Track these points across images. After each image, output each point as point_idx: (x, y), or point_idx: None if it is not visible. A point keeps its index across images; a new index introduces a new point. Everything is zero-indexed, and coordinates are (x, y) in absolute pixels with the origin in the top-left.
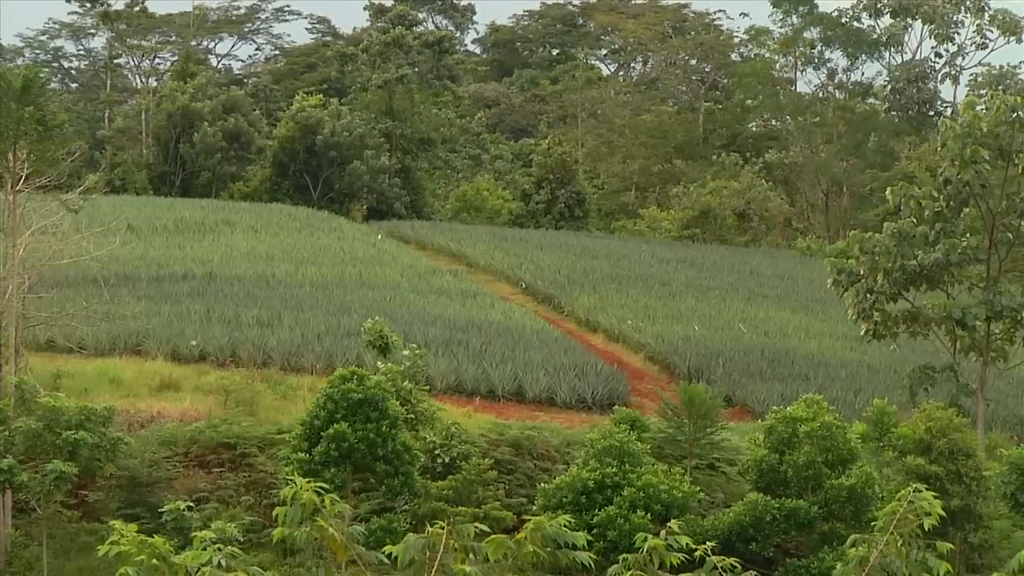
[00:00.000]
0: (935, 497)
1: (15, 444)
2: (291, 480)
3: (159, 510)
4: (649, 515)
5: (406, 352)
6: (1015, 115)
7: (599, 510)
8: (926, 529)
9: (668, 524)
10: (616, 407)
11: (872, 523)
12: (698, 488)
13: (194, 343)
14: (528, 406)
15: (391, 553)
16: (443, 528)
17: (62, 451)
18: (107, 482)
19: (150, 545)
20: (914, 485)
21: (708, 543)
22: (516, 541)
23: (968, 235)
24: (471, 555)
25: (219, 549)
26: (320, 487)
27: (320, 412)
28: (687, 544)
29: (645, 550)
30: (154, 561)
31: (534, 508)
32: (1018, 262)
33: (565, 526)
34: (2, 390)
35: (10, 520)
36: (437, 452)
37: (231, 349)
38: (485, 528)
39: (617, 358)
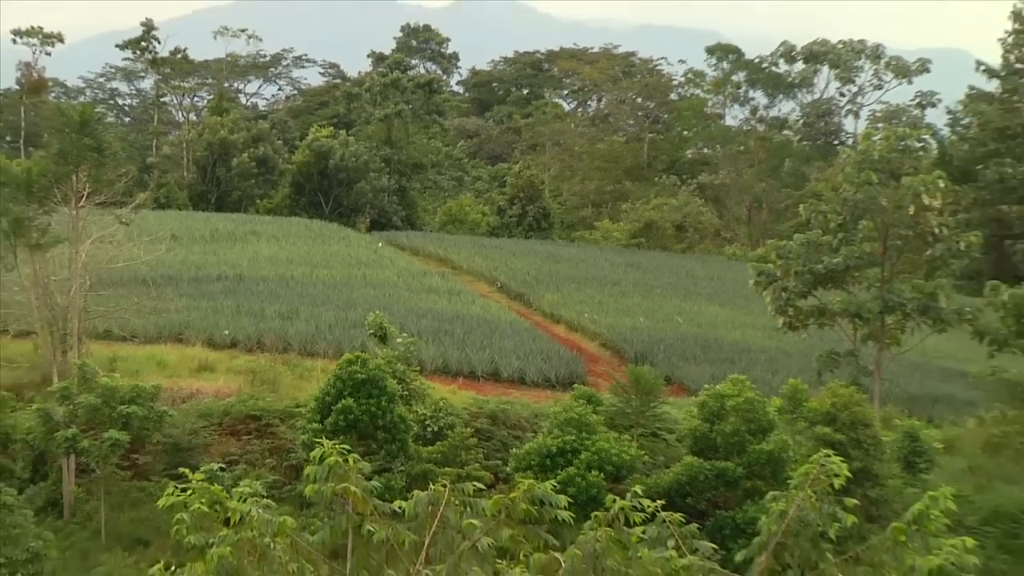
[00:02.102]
0: (841, 461)
1: (78, 416)
2: (317, 442)
3: (197, 471)
4: (602, 475)
5: (401, 340)
6: (903, 144)
7: (561, 471)
8: (835, 488)
9: (633, 489)
10: (575, 385)
11: (788, 481)
12: (643, 452)
13: (226, 332)
14: (503, 384)
15: (400, 506)
16: (444, 486)
17: (117, 422)
18: (154, 447)
19: (209, 492)
20: (823, 451)
21: (658, 501)
22: (511, 499)
23: (865, 243)
24: (469, 509)
25: (257, 500)
26: (344, 449)
27: (331, 389)
28: (640, 502)
29: (614, 510)
30: (206, 508)
31: (508, 469)
32: (906, 265)
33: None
34: (68, 372)
35: (73, 479)
36: (427, 423)
37: (257, 337)
38: (479, 485)
39: (576, 345)
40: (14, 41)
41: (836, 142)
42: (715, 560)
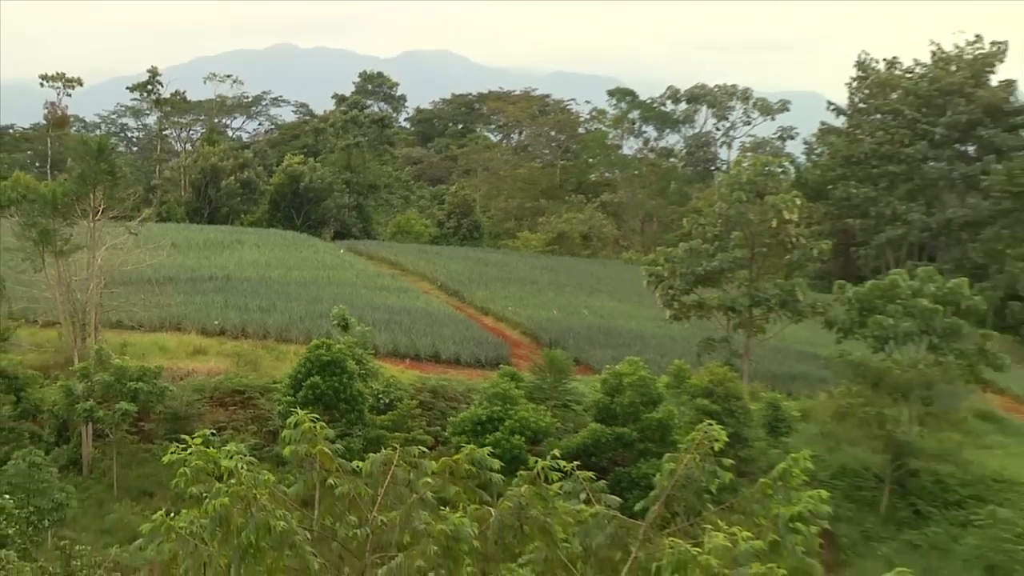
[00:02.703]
0: (720, 428)
1: (95, 391)
2: (292, 411)
3: (193, 435)
4: (523, 438)
5: (359, 329)
6: (767, 169)
7: (489, 435)
8: (715, 450)
9: (552, 452)
10: (501, 366)
11: (674, 443)
12: (556, 420)
13: (216, 322)
14: (442, 365)
15: (358, 465)
16: (394, 448)
17: (127, 396)
18: (157, 417)
19: (204, 452)
20: (706, 420)
21: (574, 462)
22: (455, 460)
23: (736, 250)
24: (416, 468)
25: (242, 459)
26: (313, 417)
27: (301, 369)
28: (558, 463)
29: (536, 469)
30: (202, 464)
31: (446, 434)
32: (770, 267)
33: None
34: (86, 355)
35: (91, 443)
36: (380, 396)
37: (241, 327)
38: (423, 448)
39: (501, 333)
40: (42, 84)
41: (713, 168)
42: (616, 509)
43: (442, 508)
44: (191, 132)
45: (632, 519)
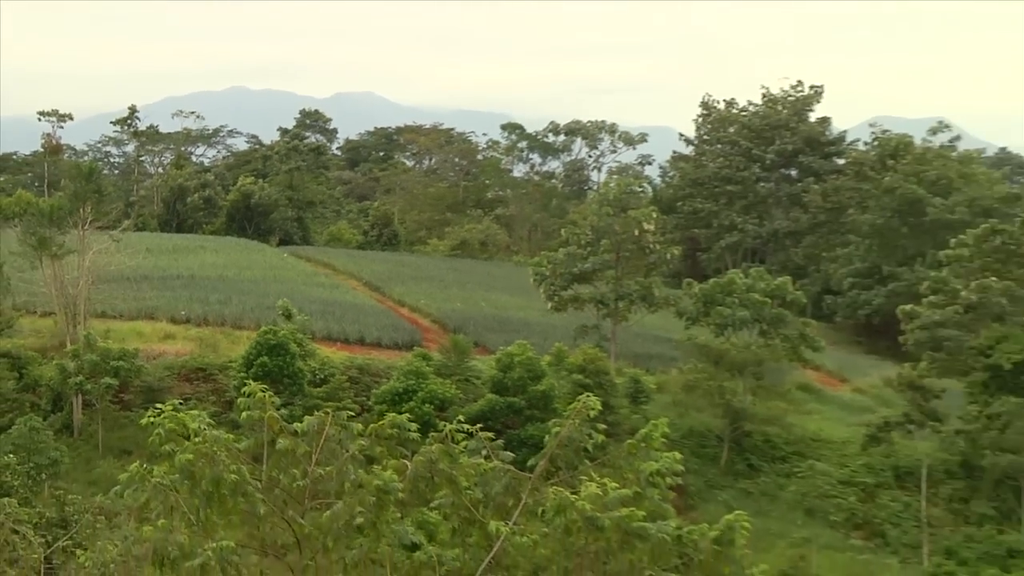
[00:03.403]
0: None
1: (84, 368)
2: (245, 384)
3: (163, 404)
4: (432, 407)
5: (299, 317)
6: (630, 189)
7: (405, 404)
8: (590, 416)
9: (457, 417)
10: (415, 348)
11: (555, 410)
12: (459, 392)
13: (183, 313)
14: (366, 347)
15: (299, 427)
16: (327, 413)
17: (110, 372)
18: (135, 389)
19: (174, 417)
20: (581, 392)
21: (475, 426)
22: (379, 425)
23: (604, 254)
24: (346, 430)
25: (204, 422)
26: (263, 388)
27: (253, 351)
28: (462, 426)
29: (445, 431)
30: (172, 426)
31: (371, 403)
32: (632, 268)
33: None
34: (76, 339)
35: (80, 411)
36: (316, 372)
37: (203, 316)
38: (351, 413)
39: (415, 321)
40: (39, 119)
41: (586, 187)
42: (510, 464)
43: (368, 463)
44: (162, 158)
45: (523, 472)
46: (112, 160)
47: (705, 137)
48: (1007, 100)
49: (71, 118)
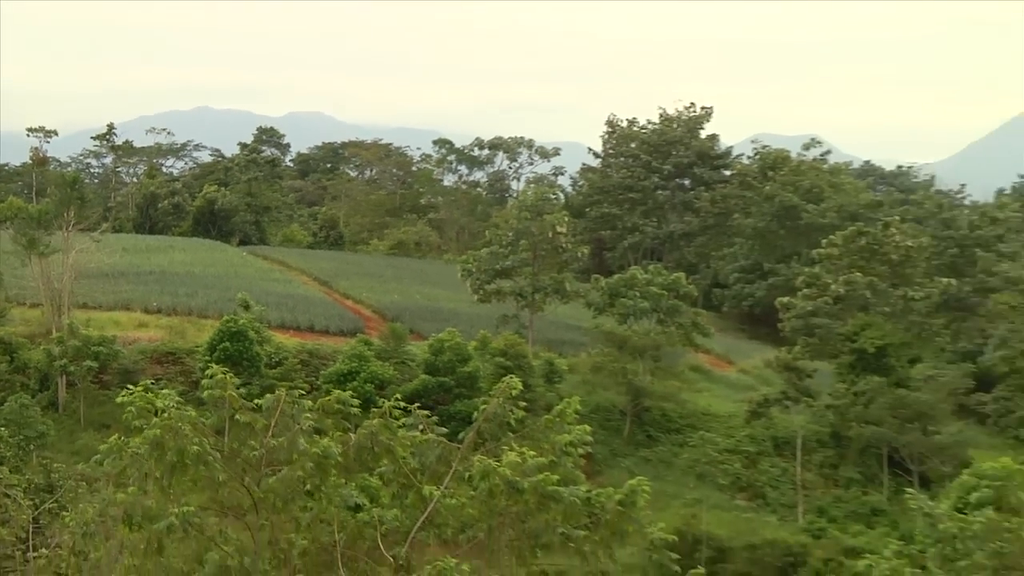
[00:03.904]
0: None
1: (68, 352)
2: (209, 366)
3: (136, 385)
4: (373, 386)
5: (256, 308)
6: (545, 196)
7: (349, 383)
8: (513, 395)
9: (395, 395)
10: (358, 334)
11: (480, 389)
12: (397, 373)
13: (155, 304)
14: (316, 334)
15: (257, 403)
16: (283, 390)
17: (91, 356)
18: (112, 371)
19: (145, 395)
20: (503, 373)
21: (413, 403)
22: (325, 400)
23: (523, 252)
24: (297, 406)
25: (172, 400)
26: (224, 370)
27: (216, 337)
28: (402, 404)
29: (384, 407)
30: (143, 404)
31: (319, 383)
32: (547, 265)
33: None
34: (61, 327)
35: (64, 390)
36: (271, 356)
37: (173, 307)
38: (302, 391)
39: (358, 311)
40: (27, 135)
41: (507, 195)
42: (442, 436)
43: (317, 435)
44: (136, 169)
45: (453, 443)
46: (92, 171)
47: (610, 151)
48: (871, 119)
49: (56, 134)
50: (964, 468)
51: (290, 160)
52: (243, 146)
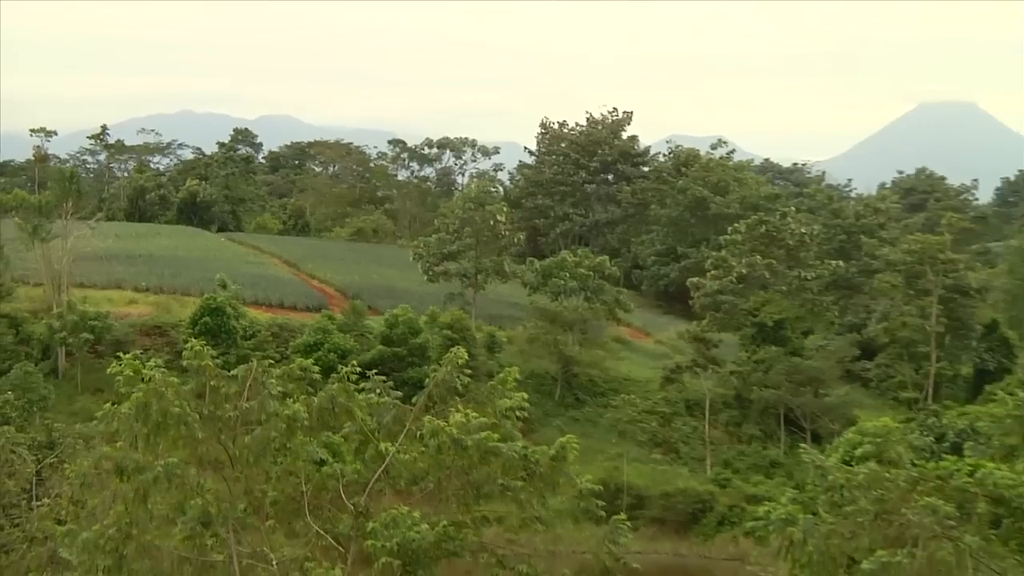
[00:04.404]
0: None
1: (67, 326)
2: (191, 339)
3: (126, 355)
4: (336, 356)
5: (233, 287)
6: (487, 189)
7: (314, 353)
8: (460, 363)
9: (353, 363)
10: (322, 310)
11: (429, 358)
12: (356, 344)
13: (144, 284)
14: (285, 310)
15: (232, 372)
16: (255, 360)
17: (87, 329)
18: (106, 342)
19: (134, 364)
20: (450, 344)
21: (371, 371)
22: (290, 368)
23: (467, 239)
24: (267, 373)
25: (159, 369)
26: (203, 343)
27: (197, 313)
28: (360, 371)
29: (343, 372)
30: (131, 373)
31: (289, 353)
32: (488, 250)
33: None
34: (62, 303)
35: (64, 359)
36: (246, 329)
37: (159, 286)
38: (272, 361)
39: (323, 290)
40: (30, 134)
41: (453, 188)
42: (396, 400)
43: (284, 398)
44: (127, 165)
45: (407, 405)
46: (88, 166)
47: (543, 150)
48: (770, 122)
49: (55, 134)
50: (850, 426)
51: (262, 157)
52: (221, 145)
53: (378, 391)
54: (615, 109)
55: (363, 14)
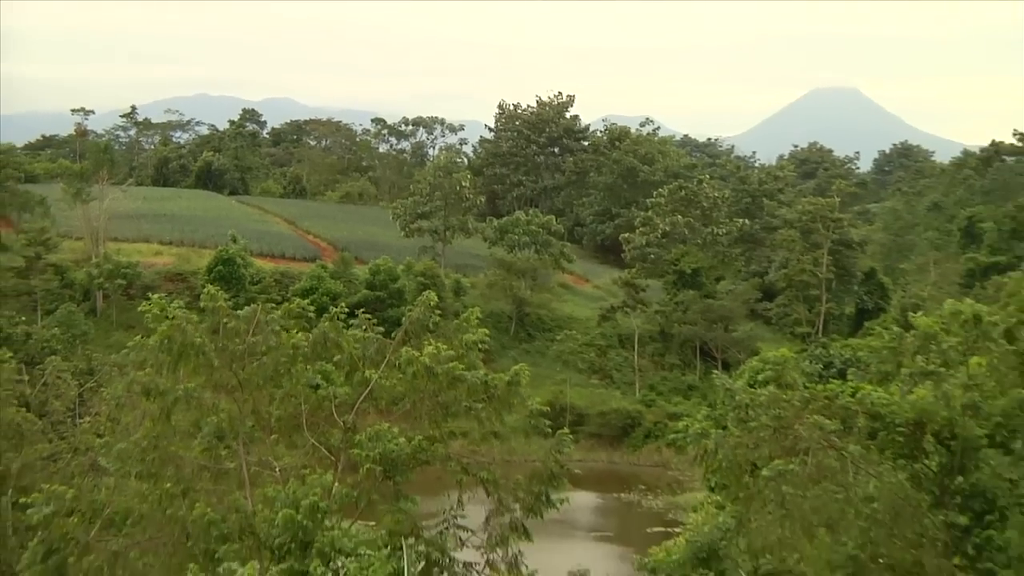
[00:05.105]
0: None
1: (103, 273)
2: (207, 285)
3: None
4: (328, 298)
5: (242, 241)
6: (454, 159)
7: (309, 296)
8: (431, 305)
9: (341, 304)
10: (317, 260)
11: (405, 300)
12: (345, 288)
13: (167, 238)
14: (286, 260)
15: (242, 312)
16: (259, 303)
17: (120, 276)
18: (137, 287)
19: (160, 303)
20: (424, 290)
21: (358, 310)
22: (290, 308)
23: (437, 201)
24: (271, 313)
25: (180, 308)
26: (218, 288)
27: (212, 262)
28: (349, 311)
29: (334, 312)
30: (157, 311)
31: (289, 295)
32: (455, 210)
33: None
34: (99, 254)
35: (102, 300)
36: (253, 276)
37: (181, 240)
38: (275, 304)
39: (317, 243)
40: (71, 113)
41: (425, 160)
42: (379, 335)
43: (284, 332)
44: (153, 139)
45: (387, 339)
46: (120, 141)
47: (501, 127)
48: (689, 104)
49: (93, 112)
50: (754, 356)
51: (266, 133)
52: (231, 123)
53: (364, 327)
54: (560, 93)
55: (355, 13)
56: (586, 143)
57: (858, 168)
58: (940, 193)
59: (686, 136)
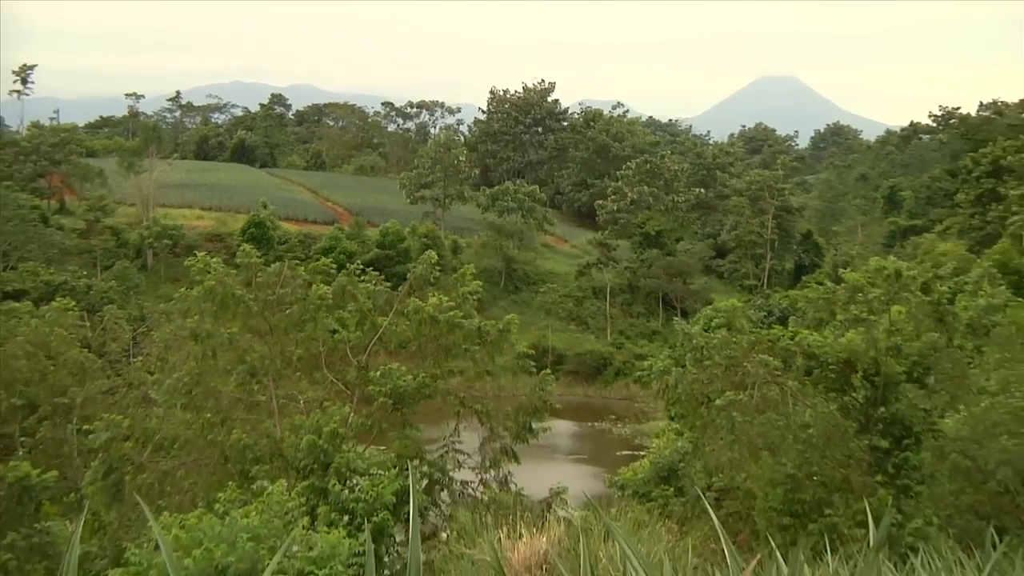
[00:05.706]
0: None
1: (153, 234)
2: (243, 245)
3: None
4: (345, 256)
5: (271, 207)
6: (453, 138)
7: (330, 255)
8: (432, 261)
9: (357, 263)
10: (335, 224)
11: (411, 258)
12: (359, 248)
13: (207, 205)
14: (308, 223)
15: (271, 268)
16: (285, 261)
17: (168, 237)
18: (182, 246)
19: (204, 259)
20: (427, 249)
21: (369, 268)
22: (314, 266)
23: (439, 172)
24: (295, 269)
25: (219, 264)
26: (251, 246)
27: (246, 225)
28: (363, 267)
29: (350, 270)
30: (201, 266)
31: (311, 254)
32: (453, 181)
33: (329, 265)
34: (149, 218)
35: (151, 257)
36: (281, 237)
37: (219, 206)
38: (298, 262)
39: (335, 209)
40: (125, 97)
41: (428, 137)
42: (388, 288)
43: (310, 285)
44: (195, 120)
45: (395, 291)
46: (167, 121)
47: (492, 110)
48: (653, 90)
49: (144, 97)
50: (708, 305)
51: (291, 114)
52: (262, 106)
53: (374, 282)
54: (543, 80)
55: (368, 11)
56: (565, 123)
57: (797, 145)
58: (867, 166)
59: (651, 117)
